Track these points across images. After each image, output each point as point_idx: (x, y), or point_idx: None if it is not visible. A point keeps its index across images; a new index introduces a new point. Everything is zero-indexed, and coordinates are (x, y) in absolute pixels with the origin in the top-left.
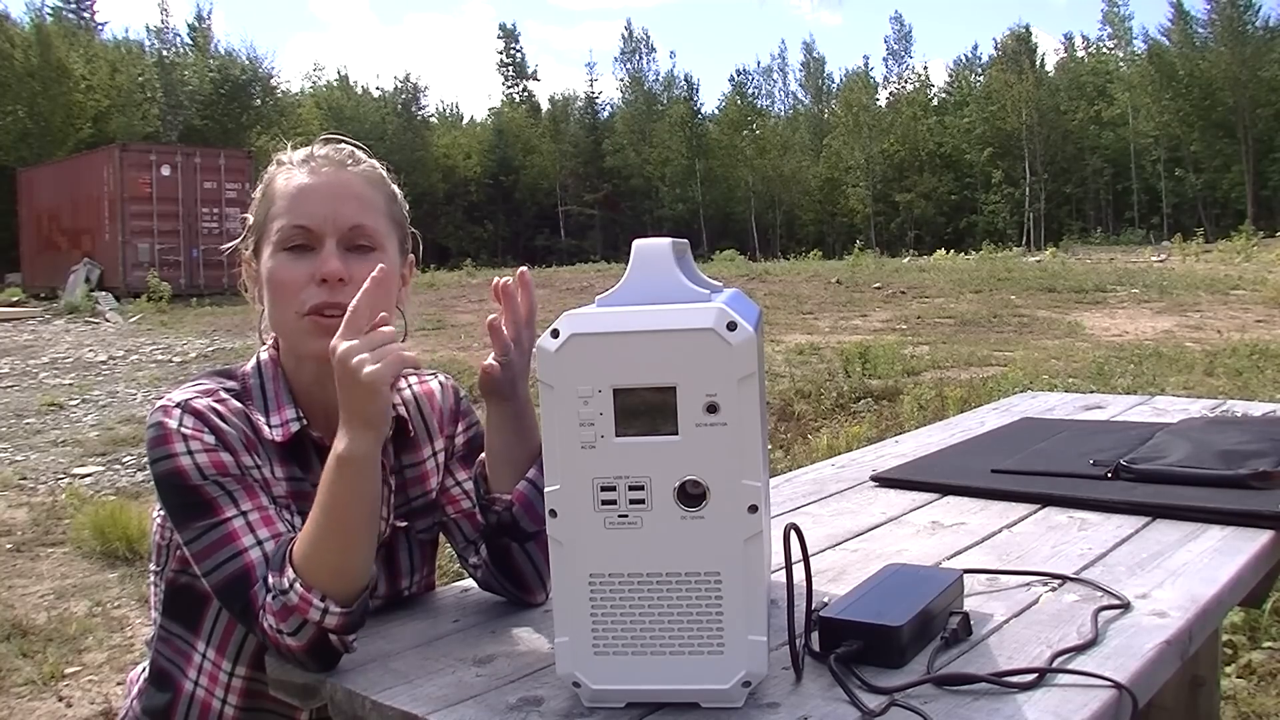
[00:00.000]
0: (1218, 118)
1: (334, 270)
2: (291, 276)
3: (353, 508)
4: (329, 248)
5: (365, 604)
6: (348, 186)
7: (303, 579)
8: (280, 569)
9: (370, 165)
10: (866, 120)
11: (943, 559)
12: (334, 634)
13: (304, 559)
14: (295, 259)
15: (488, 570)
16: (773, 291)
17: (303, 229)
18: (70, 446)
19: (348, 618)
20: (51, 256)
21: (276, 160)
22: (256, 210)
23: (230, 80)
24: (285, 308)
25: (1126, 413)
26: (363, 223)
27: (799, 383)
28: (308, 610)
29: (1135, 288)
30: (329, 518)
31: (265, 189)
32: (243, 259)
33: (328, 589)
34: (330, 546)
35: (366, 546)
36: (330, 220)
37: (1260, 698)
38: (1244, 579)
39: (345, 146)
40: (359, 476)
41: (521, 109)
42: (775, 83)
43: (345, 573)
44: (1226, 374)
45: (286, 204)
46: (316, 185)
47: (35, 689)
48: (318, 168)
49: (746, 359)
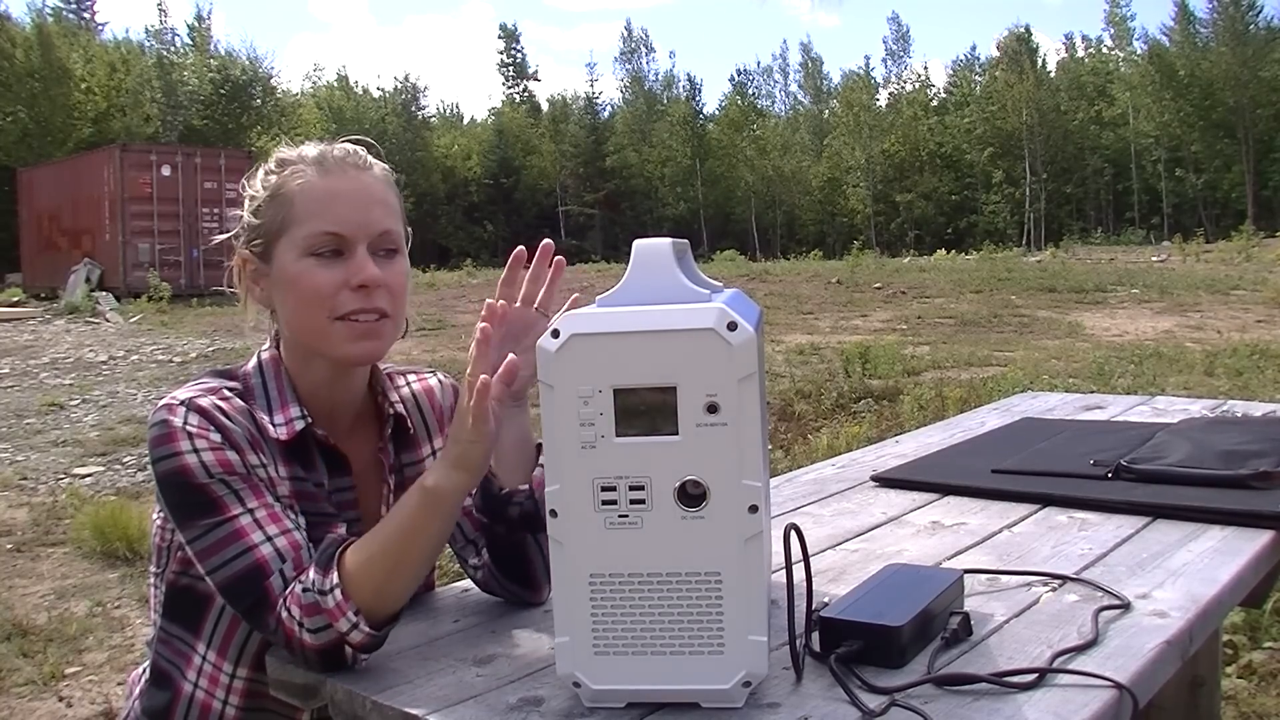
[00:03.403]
0: (1218, 118)
1: (374, 277)
2: (324, 282)
3: (419, 538)
4: (361, 253)
5: (389, 632)
6: (373, 191)
7: (345, 587)
8: (325, 569)
9: (382, 166)
10: (867, 120)
11: (943, 559)
12: (352, 648)
13: (355, 568)
14: (324, 265)
15: (488, 571)
16: (773, 291)
17: (334, 235)
18: (70, 446)
19: (372, 639)
20: (52, 256)
21: (278, 160)
22: (266, 211)
23: (230, 80)
24: (315, 313)
25: (1127, 413)
26: (390, 228)
27: (799, 383)
28: (338, 619)
29: (1135, 288)
30: (393, 540)
31: (277, 191)
32: (240, 258)
33: (365, 605)
34: (385, 566)
35: (416, 577)
36: (362, 227)
37: (1260, 698)
38: (1244, 579)
39: (357, 149)
40: (436, 513)
41: (522, 109)
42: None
43: (388, 595)
44: (1226, 374)
45: (312, 209)
46: (344, 191)
47: (35, 689)
48: (341, 172)
49: (747, 359)
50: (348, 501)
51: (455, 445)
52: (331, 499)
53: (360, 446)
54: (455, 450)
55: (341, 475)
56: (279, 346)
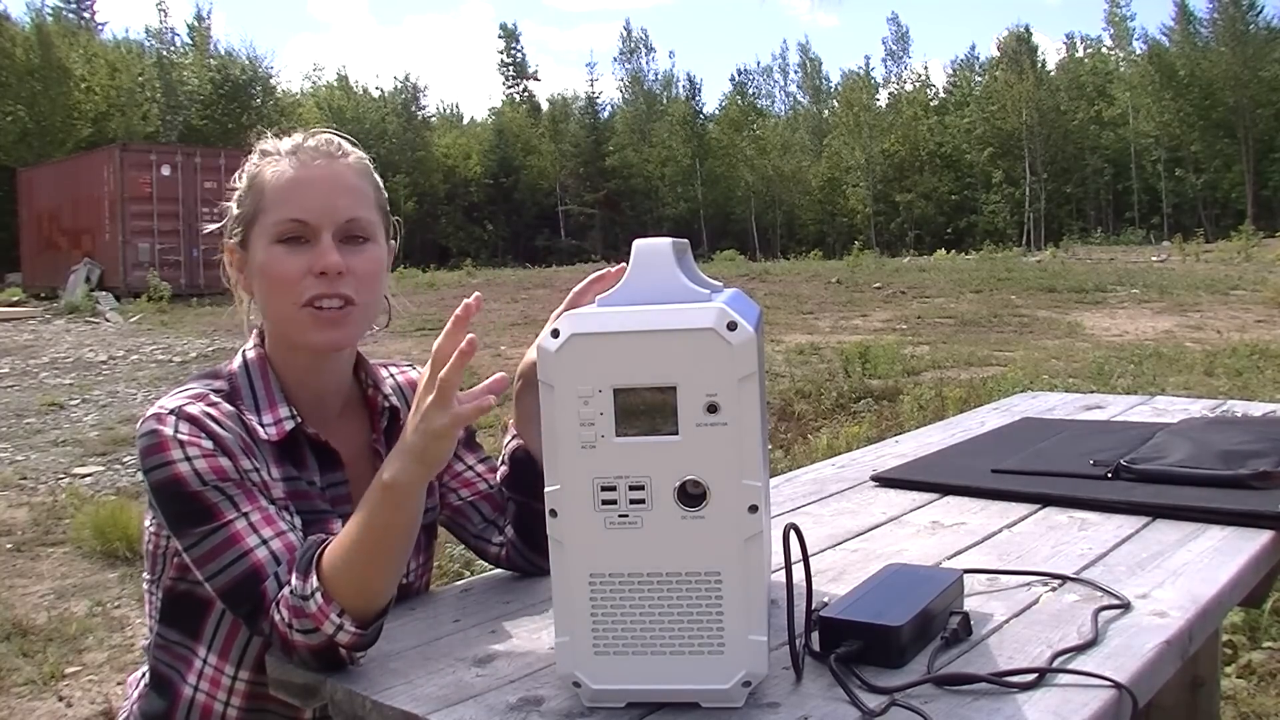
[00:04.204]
0: (1218, 118)
1: (334, 264)
2: (289, 269)
3: (388, 532)
4: (326, 240)
5: (380, 627)
6: (341, 179)
7: (325, 589)
8: (305, 574)
9: (358, 156)
10: (867, 120)
11: (943, 559)
12: (343, 649)
13: (331, 570)
14: (291, 251)
15: (512, 548)
16: (773, 291)
17: (299, 222)
18: (70, 446)
19: (360, 638)
20: (52, 256)
21: (260, 150)
22: (243, 201)
23: (230, 80)
24: (282, 300)
25: (1126, 413)
26: (357, 215)
27: (799, 383)
28: (323, 622)
29: (1135, 288)
30: (362, 539)
31: (253, 180)
32: (226, 249)
33: (347, 605)
34: (359, 565)
35: (393, 571)
36: (327, 213)
37: (1260, 698)
38: (1244, 579)
39: (333, 138)
40: (399, 506)
41: (522, 109)
42: (776, 83)
43: (368, 592)
44: (1226, 374)
45: (280, 196)
46: (311, 178)
47: (35, 689)
48: (309, 160)
49: (747, 359)
50: (341, 496)
51: (420, 438)
52: (325, 495)
53: (349, 438)
54: (419, 443)
55: (334, 470)
56: (264, 342)
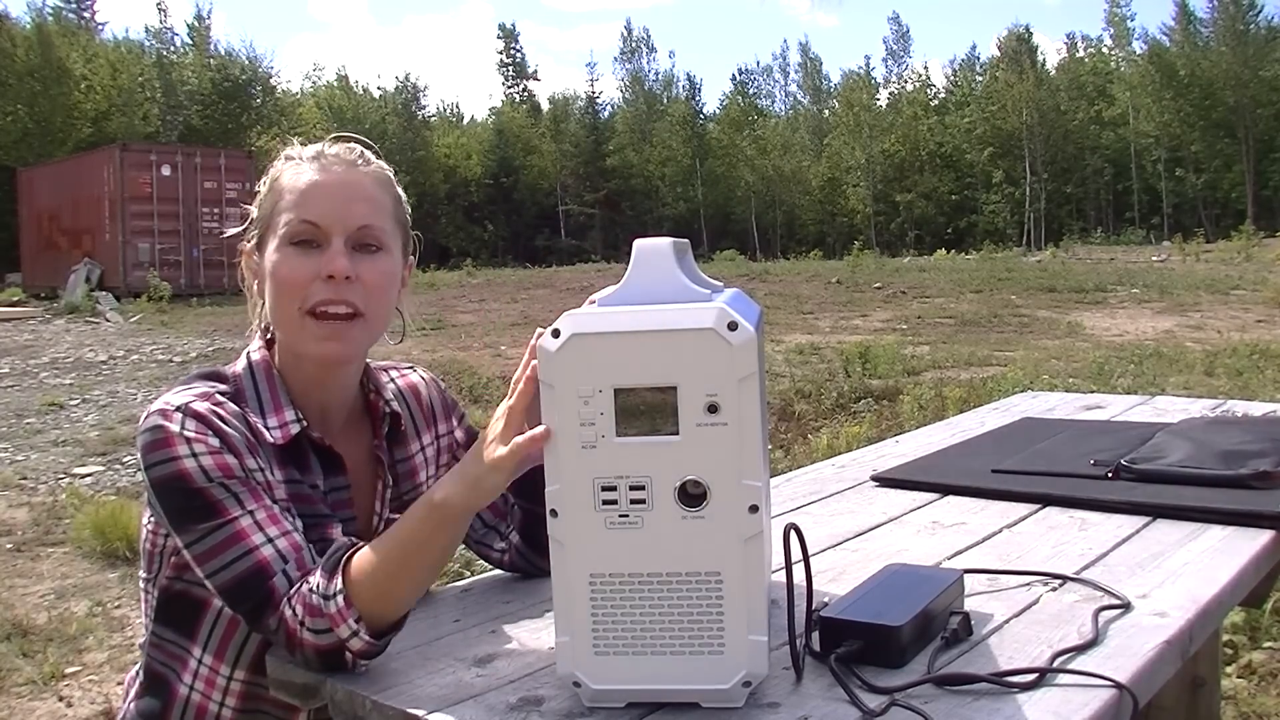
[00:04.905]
0: (1218, 117)
1: (342, 268)
2: (297, 271)
3: (426, 550)
4: (336, 245)
5: (390, 640)
6: (358, 186)
7: (348, 593)
8: (331, 574)
9: (379, 166)
10: (867, 120)
11: (943, 559)
12: (351, 655)
13: (359, 576)
14: (301, 254)
15: (516, 552)
16: (773, 291)
17: (311, 225)
18: (70, 446)
19: (372, 647)
20: (52, 256)
21: (284, 155)
22: (262, 203)
23: (230, 80)
24: (288, 303)
25: (1127, 413)
26: (371, 223)
27: (799, 383)
28: (339, 625)
29: (1135, 288)
30: (398, 551)
31: (272, 183)
32: (243, 251)
33: (366, 613)
34: (388, 576)
35: (419, 588)
36: (340, 219)
37: (1260, 698)
38: (1244, 579)
39: (356, 146)
40: (442, 527)
41: (522, 109)
42: (776, 82)
43: (390, 604)
44: (1226, 374)
45: (295, 199)
46: (327, 183)
47: (35, 689)
48: (329, 165)
49: (747, 359)
50: (343, 501)
51: (477, 465)
52: (327, 499)
53: (353, 445)
54: (476, 470)
55: (337, 475)
56: (270, 346)
